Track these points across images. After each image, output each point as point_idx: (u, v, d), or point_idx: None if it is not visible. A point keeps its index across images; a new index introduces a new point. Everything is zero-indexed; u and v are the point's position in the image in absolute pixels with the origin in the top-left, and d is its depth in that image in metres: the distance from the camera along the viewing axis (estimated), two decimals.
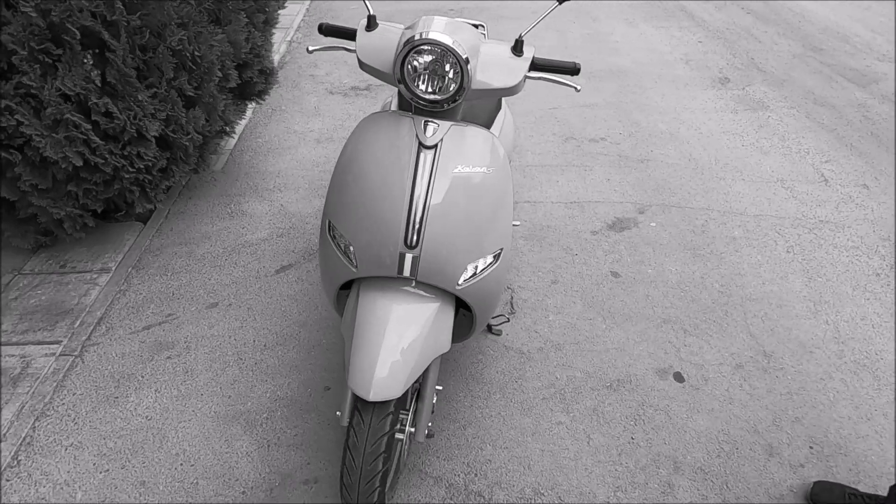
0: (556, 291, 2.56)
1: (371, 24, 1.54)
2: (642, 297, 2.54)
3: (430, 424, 1.70)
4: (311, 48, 1.61)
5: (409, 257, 1.48)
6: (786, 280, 2.64)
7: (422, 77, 1.46)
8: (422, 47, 1.41)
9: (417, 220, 1.46)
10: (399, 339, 1.48)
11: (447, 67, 1.43)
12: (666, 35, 5.32)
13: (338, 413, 1.82)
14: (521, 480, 1.85)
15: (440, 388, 1.77)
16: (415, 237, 1.47)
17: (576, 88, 1.54)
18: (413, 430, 1.67)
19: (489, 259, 1.59)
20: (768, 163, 3.49)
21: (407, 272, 1.49)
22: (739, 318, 2.44)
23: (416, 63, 1.43)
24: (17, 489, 1.84)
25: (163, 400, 2.11)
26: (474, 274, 1.57)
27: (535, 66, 1.56)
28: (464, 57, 1.40)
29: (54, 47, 2.14)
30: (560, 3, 1.49)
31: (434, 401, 1.72)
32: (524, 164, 3.44)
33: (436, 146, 1.49)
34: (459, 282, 1.54)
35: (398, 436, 1.59)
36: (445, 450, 1.94)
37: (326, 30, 1.64)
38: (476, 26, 2.61)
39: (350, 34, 1.61)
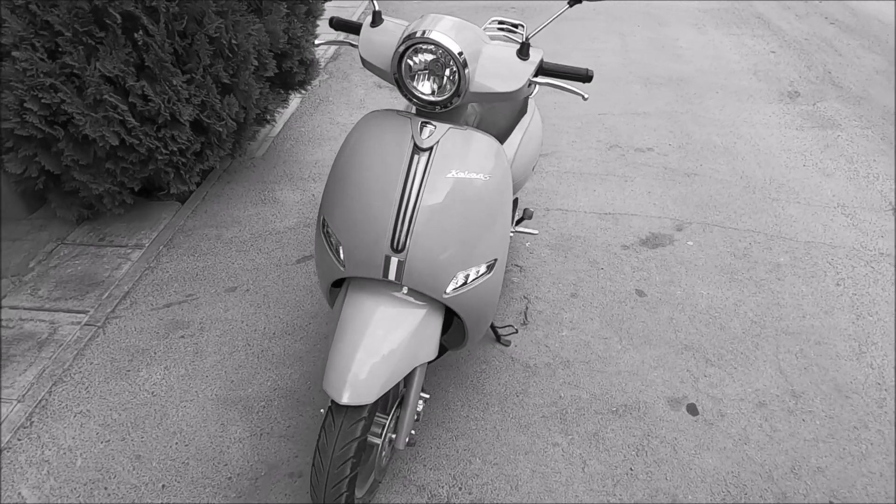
0: (574, 306, 2.45)
1: (376, 19, 1.51)
2: (666, 319, 2.40)
3: (412, 433, 1.66)
4: (316, 42, 1.59)
5: (394, 261, 1.44)
6: (830, 315, 2.43)
7: (419, 76, 1.42)
8: (421, 46, 1.37)
9: (405, 223, 1.42)
10: (378, 344, 1.45)
11: (445, 69, 1.38)
12: (736, 43, 5.03)
13: (321, 411, 1.81)
14: (506, 500, 1.79)
15: (427, 396, 1.72)
16: (401, 241, 1.43)
17: (583, 97, 1.45)
18: (394, 436, 1.64)
19: (482, 269, 1.53)
20: (830, 186, 3.23)
21: (392, 276, 1.46)
22: (770, 352, 2.27)
23: (413, 61, 1.39)
24: (25, 449, 1.94)
25: (170, 378, 2.17)
26: (465, 283, 1.51)
27: (545, 70, 1.49)
28: (461, 60, 1.34)
29: (97, 30, 2.23)
30: (570, 6, 1.40)
31: (419, 409, 1.68)
32: (561, 171, 3.33)
33: (431, 149, 1.44)
34: (448, 290, 1.48)
35: (373, 440, 1.56)
36: (434, 459, 1.90)
37: (336, 24, 1.62)
38: (515, 26, 2.54)
39: (358, 29, 1.58)
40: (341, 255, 1.50)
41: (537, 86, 1.52)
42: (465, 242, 1.47)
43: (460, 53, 1.34)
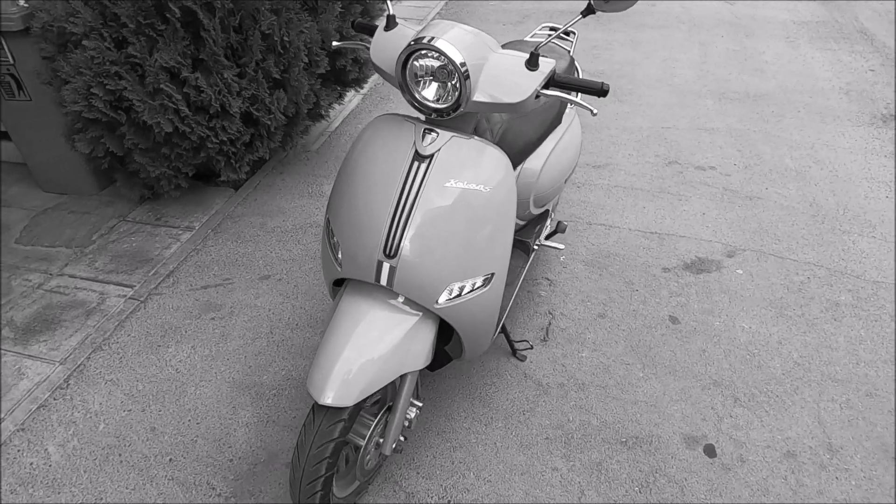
0: (600, 326, 2.35)
1: (390, 23, 1.50)
2: (697, 351, 2.25)
3: (402, 439, 1.65)
4: (334, 44, 1.60)
5: (386, 266, 1.44)
6: (889, 365, 2.20)
7: (424, 82, 1.40)
8: (426, 52, 1.35)
9: (399, 229, 1.41)
10: (365, 347, 1.44)
11: (450, 77, 1.36)
12: (831, 59, 4.65)
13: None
14: None
15: (420, 404, 1.70)
16: (394, 247, 1.42)
17: (592, 111, 1.38)
18: (381, 440, 1.64)
19: (478, 282, 1.50)
20: None
21: (384, 281, 1.45)
22: (811, 399, 2.08)
23: (418, 65, 1.37)
24: (58, 408, 2.09)
25: (195, 357, 2.27)
26: (459, 295, 1.48)
27: (557, 83, 1.43)
28: (463, 70, 1.32)
29: (159, 23, 2.37)
30: (584, 16, 1.33)
31: (411, 416, 1.67)
32: (611, 184, 3.20)
33: (431, 157, 1.42)
34: (440, 300, 1.46)
35: (357, 441, 1.56)
36: (428, 467, 1.88)
37: (357, 26, 1.64)
38: (567, 33, 2.46)
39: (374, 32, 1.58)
40: (339, 256, 1.51)
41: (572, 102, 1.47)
42: (460, 253, 1.44)
43: (462, 64, 1.31)
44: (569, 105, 2.32)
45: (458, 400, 2.08)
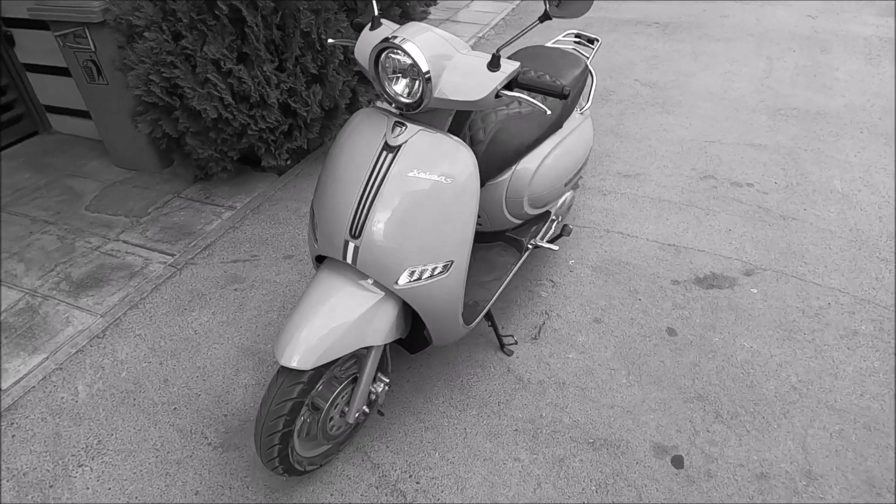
0: (593, 331, 2.37)
1: (374, 24, 1.63)
2: (688, 364, 2.23)
3: (365, 410, 1.77)
4: (329, 41, 1.75)
5: (351, 245, 1.57)
6: None
7: (394, 79, 1.51)
8: (396, 49, 1.47)
9: (364, 213, 1.54)
10: (327, 318, 1.58)
11: (417, 74, 1.47)
12: None
13: None
14: (448, 499, 1.82)
15: (387, 380, 1.82)
16: (358, 228, 1.54)
17: (545, 111, 1.44)
18: (346, 409, 1.77)
19: (438, 268, 1.60)
20: None
21: (349, 259, 1.58)
22: (800, 425, 2.01)
23: (390, 60, 1.49)
24: (91, 354, 2.37)
25: (213, 322, 2.50)
26: (419, 279, 1.59)
27: (520, 84, 1.50)
28: (424, 70, 1.42)
29: (210, 19, 2.62)
30: (541, 21, 1.40)
31: (379, 390, 1.79)
32: (638, 194, 3.18)
33: (399, 147, 1.54)
34: (399, 282, 1.57)
35: (319, 403, 1.69)
36: (398, 443, 1.99)
37: (355, 25, 1.77)
38: (591, 41, 2.51)
39: None
40: (316, 234, 1.66)
41: (586, 104, 1.49)
42: (418, 239, 1.54)
43: (425, 65, 1.42)
44: (578, 111, 2.37)
45: (440, 385, 2.18)
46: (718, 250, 2.78)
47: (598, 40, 2.58)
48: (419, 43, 1.43)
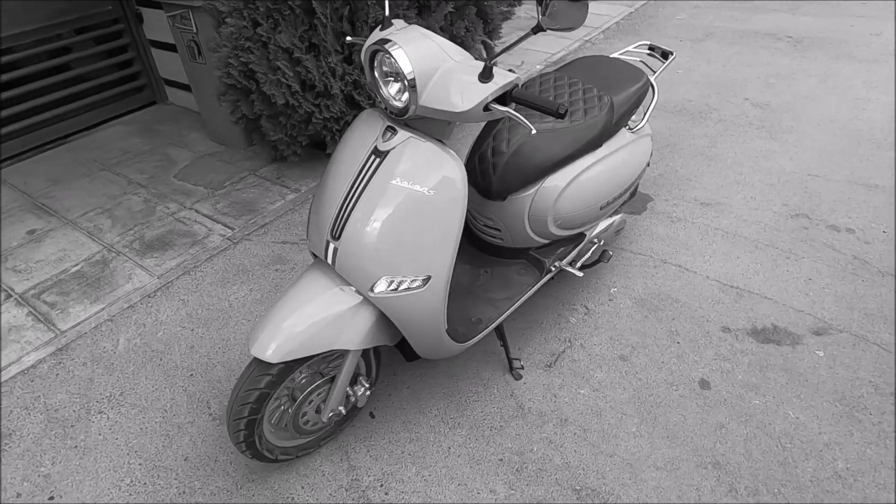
0: (615, 369, 2.19)
1: (385, 23, 1.59)
2: (714, 424, 1.98)
3: (341, 410, 1.77)
4: (347, 39, 1.73)
5: (332, 246, 1.56)
6: None
7: (388, 82, 1.47)
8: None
9: (345, 215, 1.52)
10: (302, 316, 1.58)
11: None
12: None
13: None
14: None
15: (366, 384, 1.79)
16: (339, 230, 1.53)
17: (531, 130, 1.33)
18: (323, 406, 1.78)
19: (417, 282, 1.54)
20: None
21: (330, 260, 1.57)
22: None
23: (385, 65, 1.45)
24: (139, 311, 2.58)
25: (248, 298, 2.61)
26: (396, 289, 1.54)
27: (516, 98, 1.40)
28: (409, 75, 1.36)
29: (286, 9, 2.72)
30: (534, 33, 1.28)
31: (359, 393, 1.78)
32: (712, 225, 2.88)
33: (386, 153, 1.49)
34: (375, 289, 1.54)
35: (296, 394, 1.71)
36: (379, 449, 1.96)
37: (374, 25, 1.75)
38: (665, 54, 2.31)
39: None
40: (309, 230, 1.67)
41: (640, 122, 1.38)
42: (395, 248, 1.49)
43: (410, 72, 1.36)
44: (628, 130, 2.18)
45: (438, 397, 2.12)
46: (790, 301, 2.45)
47: (672, 54, 2.36)
48: (409, 48, 1.37)
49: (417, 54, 1.37)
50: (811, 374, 2.15)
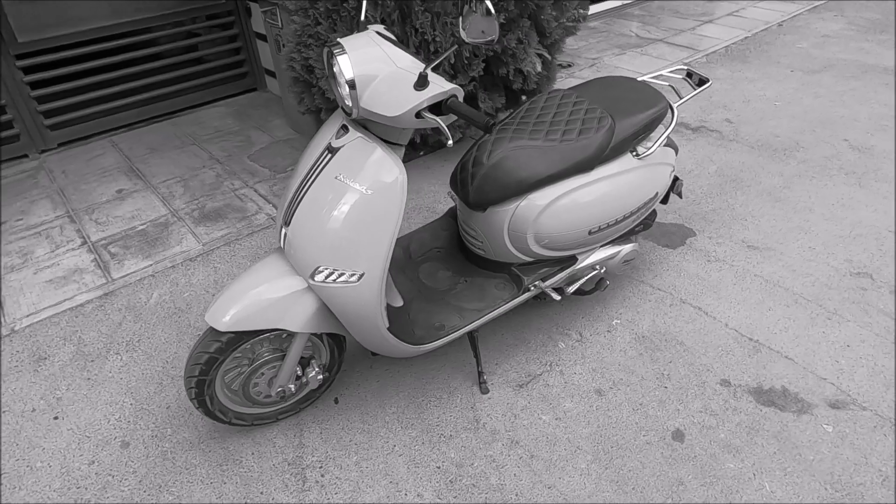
0: (587, 401, 2.09)
1: (360, 27, 1.66)
2: (673, 481, 1.84)
3: (290, 388, 1.87)
4: (338, 40, 1.82)
5: (283, 231, 1.66)
6: None
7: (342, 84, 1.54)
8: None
9: (296, 204, 1.62)
10: (253, 292, 1.71)
11: None
12: None
13: None
14: (337, 499, 1.83)
15: (317, 368, 1.88)
16: (290, 217, 1.63)
17: (448, 140, 1.33)
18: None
19: (352, 276, 1.60)
20: None
21: (282, 243, 1.68)
22: None
23: (335, 67, 1.52)
24: (176, 272, 2.86)
25: None
26: (333, 280, 1.62)
27: (450, 108, 1.41)
28: (348, 77, 1.42)
29: (342, 10, 2.89)
30: (459, 47, 1.28)
31: (311, 376, 1.89)
32: (752, 271, 2.64)
33: (336, 150, 1.57)
34: (315, 277, 1.62)
35: (244, 367, 1.84)
36: (330, 433, 2.03)
37: (360, 28, 1.82)
38: (701, 82, 2.21)
39: None
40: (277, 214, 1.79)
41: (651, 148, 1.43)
42: (331, 241, 1.57)
43: (350, 77, 1.43)
44: (634, 156, 2.08)
45: (401, 395, 2.15)
46: (813, 365, 2.19)
47: (708, 81, 2.21)
48: (354, 54, 1.44)
49: (360, 60, 1.44)
50: (809, 448, 1.91)
